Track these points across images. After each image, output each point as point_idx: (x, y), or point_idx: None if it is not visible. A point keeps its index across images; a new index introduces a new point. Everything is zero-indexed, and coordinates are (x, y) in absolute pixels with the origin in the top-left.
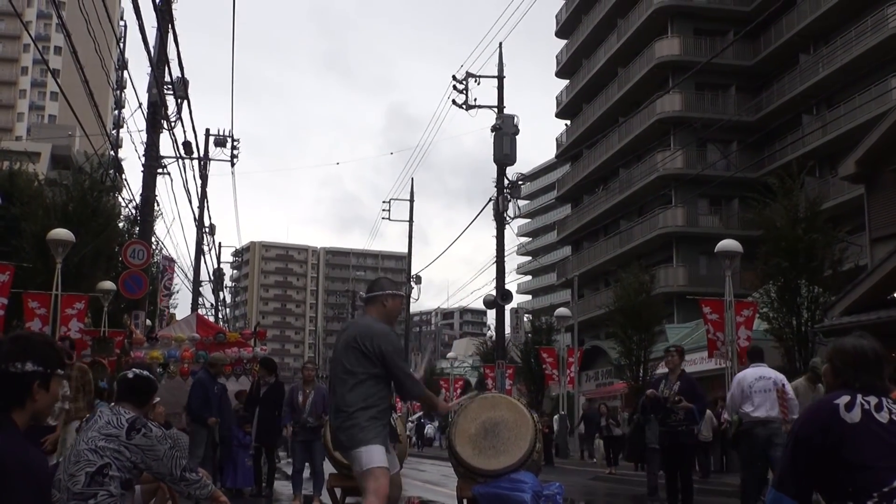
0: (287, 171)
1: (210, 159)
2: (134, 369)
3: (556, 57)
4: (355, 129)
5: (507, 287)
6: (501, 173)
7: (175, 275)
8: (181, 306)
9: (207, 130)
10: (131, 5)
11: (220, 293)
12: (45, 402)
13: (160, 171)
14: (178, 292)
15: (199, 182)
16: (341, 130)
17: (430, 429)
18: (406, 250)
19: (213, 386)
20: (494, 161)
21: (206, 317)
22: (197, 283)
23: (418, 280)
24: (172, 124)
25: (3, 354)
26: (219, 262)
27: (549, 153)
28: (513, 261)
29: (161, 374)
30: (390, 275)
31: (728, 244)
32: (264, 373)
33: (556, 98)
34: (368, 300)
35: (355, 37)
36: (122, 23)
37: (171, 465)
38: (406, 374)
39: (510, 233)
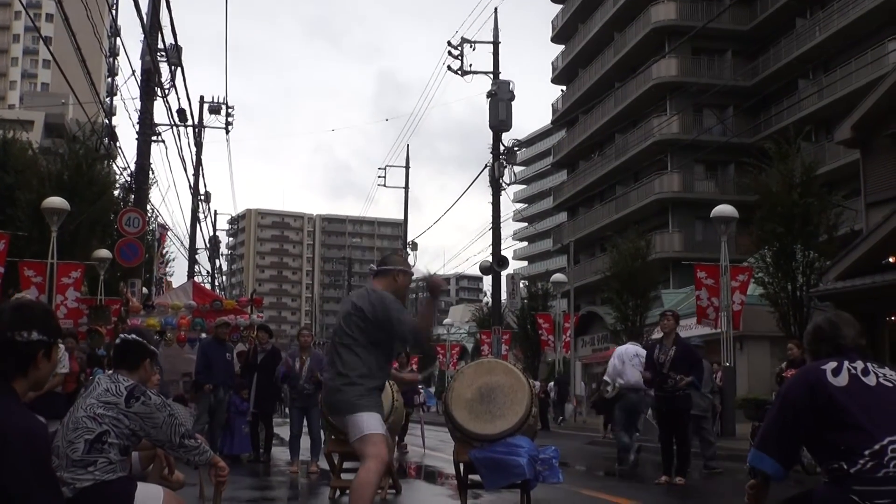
0: (280, 137)
1: (205, 126)
2: (122, 335)
3: (552, 22)
4: (345, 96)
5: (503, 253)
6: (497, 139)
7: (171, 241)
8: (177, 274)
9: (202, 98)
10: None
11: (217, 261)
12: (47, 370)
13: (154, 138)
14: (174, 260)
15: (193, 150)
16: (331, 97)
17: (422, 395)
18: (401, 217)
19: (217, 351)
20: (490, 127)
21: (202, 284)
22: (193, 250)
23: (414, 247)
24: (166, 91)
25: (6, 323)
26: (215, 230)
27: (544, 119)
28: (509, 227)
29: (158, 341)
30: (386, 242)
31: (724, 209)
32: (265, 337)
33: (552, 64)
34: (379, 273)
35: (342, 1)
36: None
37: (170, 432)
38: (400, 323)
39: (506, 199)
